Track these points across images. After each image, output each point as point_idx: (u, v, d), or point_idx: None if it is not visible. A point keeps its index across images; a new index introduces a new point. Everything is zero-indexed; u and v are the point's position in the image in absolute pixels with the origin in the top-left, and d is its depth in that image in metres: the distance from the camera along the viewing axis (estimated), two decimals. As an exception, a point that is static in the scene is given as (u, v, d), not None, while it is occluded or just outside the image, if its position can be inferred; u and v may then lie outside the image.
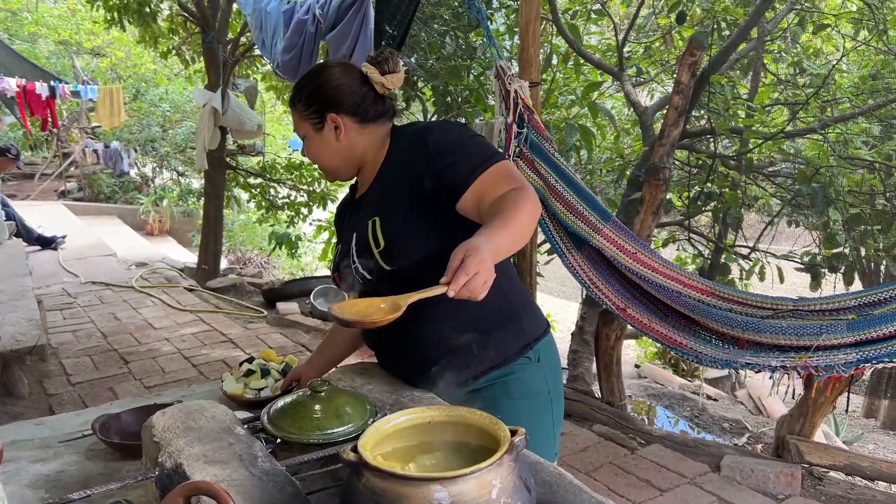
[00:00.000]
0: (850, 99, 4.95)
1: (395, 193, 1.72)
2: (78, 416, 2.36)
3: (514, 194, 1.56)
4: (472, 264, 1.32)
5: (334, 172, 1.82)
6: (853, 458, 3.27)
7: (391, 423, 1.35)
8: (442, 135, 1.70)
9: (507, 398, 1.75)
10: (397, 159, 1.76)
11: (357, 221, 1.77)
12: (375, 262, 1.68)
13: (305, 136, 1.76)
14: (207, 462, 1.46)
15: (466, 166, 1.63)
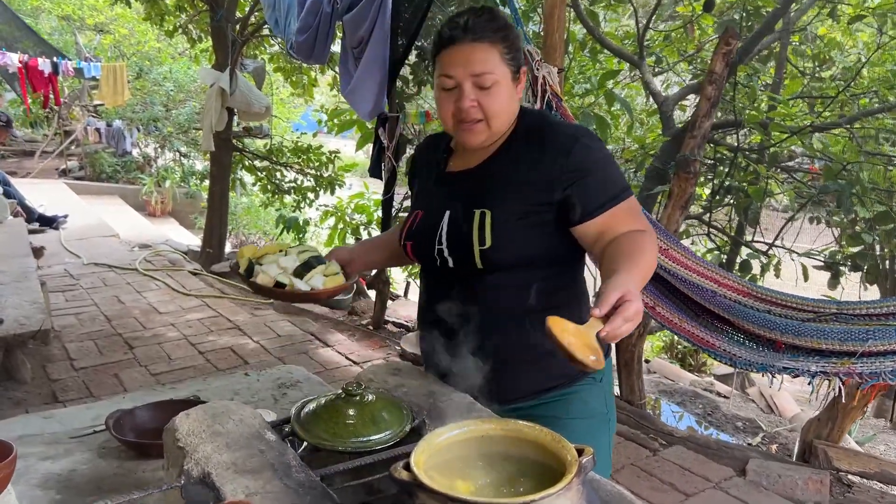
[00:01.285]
0: (880, 92, 4.82)
1: (515, 189, 1.55)
2: (89, 410, 2.26)
3: (643, 238, 1.49)
4: (632, 311, 1.22)
5: (494, 133, 1.56)
6: (885, 466, 3.18)
7: (443, 437, 1.24)
8: (586, 149, 1.54)
9: (568, 417, 1.65)
10: (523, 149, 1.58)
11: (453, 199, 1.60)
12: (469, 256, 1.55)
13: (496, 82, 1.48)
14: (238, 472, 1.35)
15: (601, 193, 1.53)
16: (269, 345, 4.62)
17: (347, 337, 4.83)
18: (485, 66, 1.47)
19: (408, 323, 5.15)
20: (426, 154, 1.79)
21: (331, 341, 4.72)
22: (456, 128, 1.54)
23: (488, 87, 1.48)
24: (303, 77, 8.09)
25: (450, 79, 1.49)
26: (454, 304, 1.60)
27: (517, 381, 1.63)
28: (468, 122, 1.51)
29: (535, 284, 1.58)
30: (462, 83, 1.48)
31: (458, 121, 1.52)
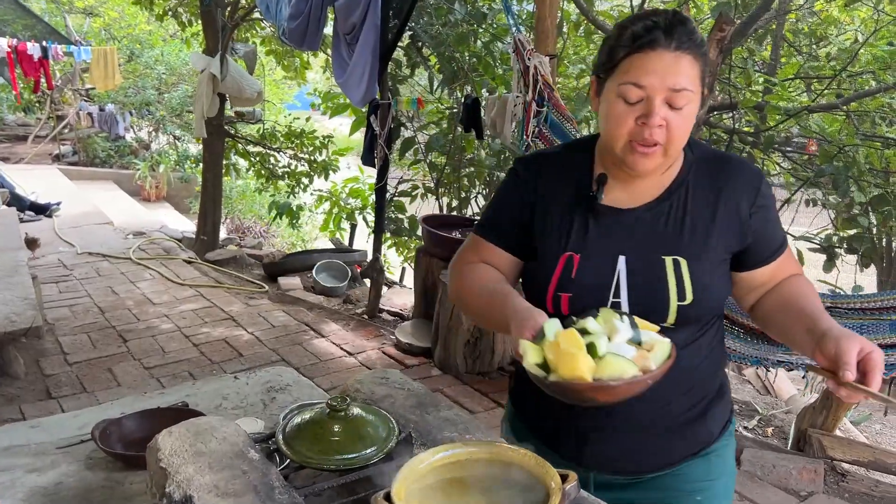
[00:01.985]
0: (876, 73, 4.76)
1: (707, 231, 1.34)
2: (76, 418, 2.24)
3: (807, 283, 1.41)
4: (880, 362, 1.12)
5: (667, 161, 1.31)
6: (878, 455, 3.18)
7: (426, 462, 1.22)
8: (769, 186, 1.40)
9: (709, 479, 1.46)
10: (705, 184, 1.36)
11: (627, 242, 1.34)
12: (659, 313, 1.30)
13: (690, 103, 1.24)
14: (220, 495, 1.33)
15: (776, 236, 1.40)
16: (264, 336, 4.60)
17: (342, 327, 4.81)
18: (686, 81, 1.22)
19: (403, 312, 5.14)
20: (555, 171, 1.44)
21: (325, 331, 4.70)
22: (626, 148, 1.27)
23: (681, 107, 1.23)
24: (295, 60, 8.00)
25: (639, 89, 1.22)
26: None
27: (666, 449, 1.42)
28: (647, 146, 1.25)
29: (697, 340, 1.40)
30: (653, 97, 1.22)
31: (634, 141, 1.25)
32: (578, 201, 1.39)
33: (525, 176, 1.45)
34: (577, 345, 1.08)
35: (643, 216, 1.35)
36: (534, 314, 1.20)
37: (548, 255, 1.38)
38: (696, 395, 1.41)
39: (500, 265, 1.46)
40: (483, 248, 1.49)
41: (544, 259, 1.38)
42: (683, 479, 1.43)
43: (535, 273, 1.41)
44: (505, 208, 1.48)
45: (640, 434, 1.40)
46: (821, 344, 1.17)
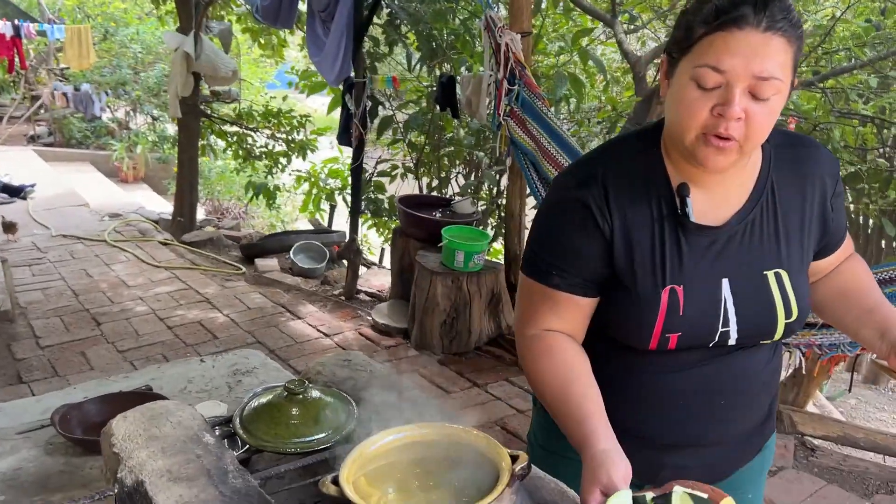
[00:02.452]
0: (851, 50, 4.76)
1: (800, 233, 1.23)
2: (38, 402, 2.22)
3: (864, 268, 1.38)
4: None
5: (743, 158, 1.13)
6: (847, 430, 3.21)
7: (376, 445, 1.21)
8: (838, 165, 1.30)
9: (761, 474, 1.47)
10: (788, 172, 1.23)
11: (724, 261, 1.20)
12: (766, 332, 1.23)
13: (778, 94, 1.06)
14: (172, 479, 1.32)
15: (843, 223, 1.33)
16: (239, 318, 4.57)
17: (319, 308, 4.79)
18: (774, 68, 1.04)
19: (380, 293, 5.12)
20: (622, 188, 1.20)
21: (301, 313, 4.68)
22: (698, 142, 1.10)
23: (766, 98, 1.06)
24: (272, 38, 7.89)
25: (718, 73, 1.05)
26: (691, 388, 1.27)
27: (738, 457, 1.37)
28: (722, 139, 1.08)
29: (778, 346, 1.35)
30: (734, 84, 1.05)
31: (707, 134, 1.09)
32: (664, 220, 1.19)
33: (593, 202, 1.19)
34: None
35: (735, 229, 1.20)
36: (607, 468, 1.06)
37: (646, 292, 1.19)
38: (768, 396, 1.37)
39: (583, 314, 1.26)
40: (555, 298, 1.24)
41: (642, 297, 1.19)
42: (742, 480, 1.40)
43: (630, 314, 1.21)
44: (573, 247, 1.22)
45: (718, 447, 1.33)
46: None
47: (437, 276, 4.04)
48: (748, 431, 1.35)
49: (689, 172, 1.18)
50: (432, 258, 4.19)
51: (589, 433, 1.12)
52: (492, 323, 4.20)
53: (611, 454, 1.09)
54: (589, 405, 1.17)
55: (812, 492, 2.91)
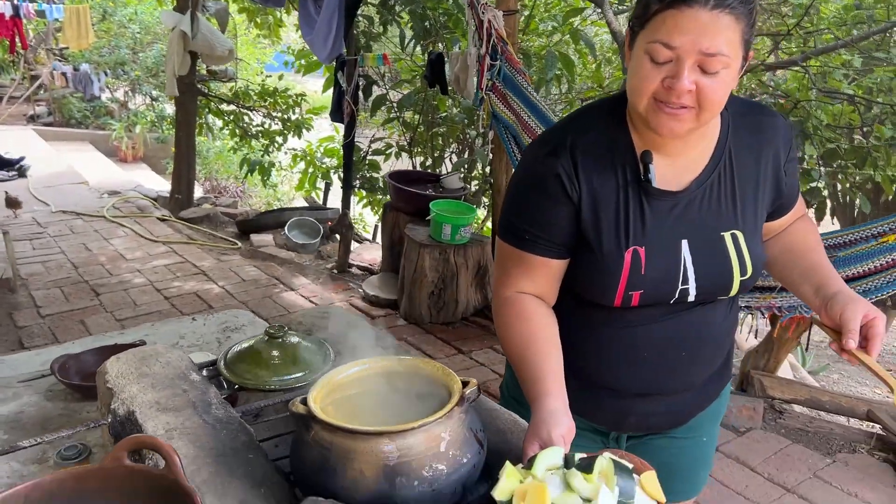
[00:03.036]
0: (832, 30, 4.85)
1: (755, 196, 1.31)
2: (38, 356, 2.35)
3: (813, 229, 1.45)
4: (883, 328, 1.18)
5: (700, 125, 1.20)
6: (814, 393, 3.35)
7: (343, 374, 1.34)
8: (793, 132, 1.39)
9: (716, 420, 1.58)
10: (745, 139, 1.30)
11: (685, 223, 1.28)
12: (722, 289, 1.32)
13: (727, 68, 1.13)
14: (160, 410, 1.45)
15: (796, 187, 1.41)
16: (234, 290, 4.71)
17: (312, 280, 4.92)
18: (721, 45, 1.10)
19: (372, 266, 5.25)
20: (589, 155, 1.28)
21: (295, 285, 4.81)
22: (651, 107, 1.17)
23: (715, 72, 1.13)
24: (268, 18, 7.96)
25: (669, 49, 1.12)
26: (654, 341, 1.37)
27: (697, 403, 1.49)
28: (674, 107, 1.15)
29: (734, 303, 1.45)
30: (684, 59, 1.11)
31: (659, 101, 1.16)
32: (628, 186, 1.28)
33: (563, 171, 1.27)
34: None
35: (695, 193, 1.28)
36: (549, 426, 1.16)
37: (610, 253, 1.28)
38: (726, 347, 1.46)
39: (554, 276, 1.35)
40: (532, 264, 1.34)
41: (606, 258, 1.28)
42: (698, 425, 1.52)
43: (595, 273, 1.30)
44: (544, 214, 1.30)
45: (680, 396, 1.44)
46: (829, 306, 1.23)
47: (425, 248, 4.16)
48: (706, 380, 1.45)
49: (651, 140, 1.26)
50: (421, 231, 4.31)
51: (542, 392, 1.23)
52: (478, 294, 4.33)
53: (557, 414, 1.19)
54: (546, 366, 1.27)
55: (777, 450, 3.05)
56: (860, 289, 2.27)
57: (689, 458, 1.56)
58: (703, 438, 1.56)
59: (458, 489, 1.16)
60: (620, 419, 1.46)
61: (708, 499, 2.71)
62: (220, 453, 1.32)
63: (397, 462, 1.11)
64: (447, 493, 1.14)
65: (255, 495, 1.21)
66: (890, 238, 2.23)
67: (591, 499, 1.06)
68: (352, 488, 1.11)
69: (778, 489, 2.79)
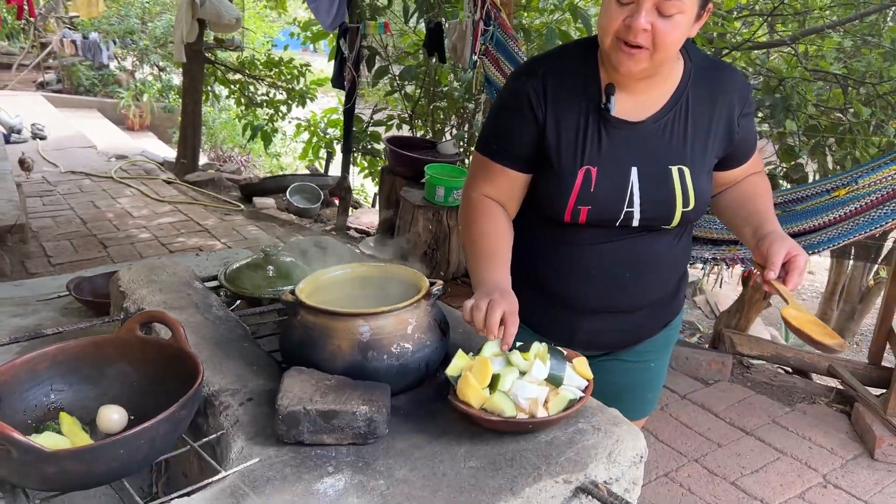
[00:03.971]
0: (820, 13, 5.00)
1: (705, 139, 1.46)
2: (54, 280, 2.55)
3: (765, 185, 1.58)
4: (803, 265, 1.31)
5: (655, 65, 1.35)
6: (779, 350, 3.54)
7: (328, 275, 1.53)
8: (752, 94, 1.53)
9: (666, 347, 1.74)
10: (702, 91, 1.45)
11: (638, 153, 1.43)
12: (665, 218, 1.46)
13: (681, 13, 1.28)
14: (167, 308, 1.64)
15: (752, 142, 1.56)
16: (236, 246, 4.89)
17: (311, 240, 5.12)
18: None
19: (369, 229, 5.44)
20: (560, 83, 1.45)
21: (294, 243, 5.00)
22: (613, 46, 1.33)
23: (669, 15, 1.28)
24: (275, -11, 8.12)
25: None
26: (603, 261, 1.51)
27: (646, 327, 1.64)
28: (632, 47, 1.30)
29: (682, 236, 1.58)
30: (642, 2, 1.27)
31: (619, 39, 1.31)
32: (589, 113, 1.43)
33: (531, 90, 1.44)
34: (482, 376, 1.23)
35: (651, 127, 1.43)
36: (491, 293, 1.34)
37: (565, 169, 1.43)
38: (673, 277, 1.61)
39: (515, 186, 1.52)
40: (495, 172, 1.51)
41: (561, 173, 1.43)
42: (647, 350, 1.67)
43: (551, 186, 1.46)
44: (513, 126, 1.48)
45: (629, 317, 1.59)
46: (760, 244, 1.38)
47: (419, 209, 4.34)
48: (654, 305, 1.60)
49: (617, 77, 1.41)
50: (416, 194, 4.50)
51: (488, 271, 1.44)
52: (469, 255, 4.51)
53: (500, 284, 1.39)
54: (494, 253, 1.46)
55: (741, 399, 3.24)
56: (816, 240, 2.45)
57: (637, 381, 1.71)
58: (651, 364, 1.70)
59: (421, 366, 1.35)
60: (571, 334, 1.59)
61: (671, 438, 2.91)
62: (219, 341, 1.52)
63: (370, 339, 1.31)
64: (412, 368, 1.34)
65: (248, 371, 1.41)
66: (841, 192, 2.41)
67: (526, 371, 1.27)
68: (330, 360, 1.31)
69: (737, 432, 2.99)
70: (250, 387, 1.36)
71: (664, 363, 1.78)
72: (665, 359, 1.77)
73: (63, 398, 1.28)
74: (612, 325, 1.59)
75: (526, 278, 1.53)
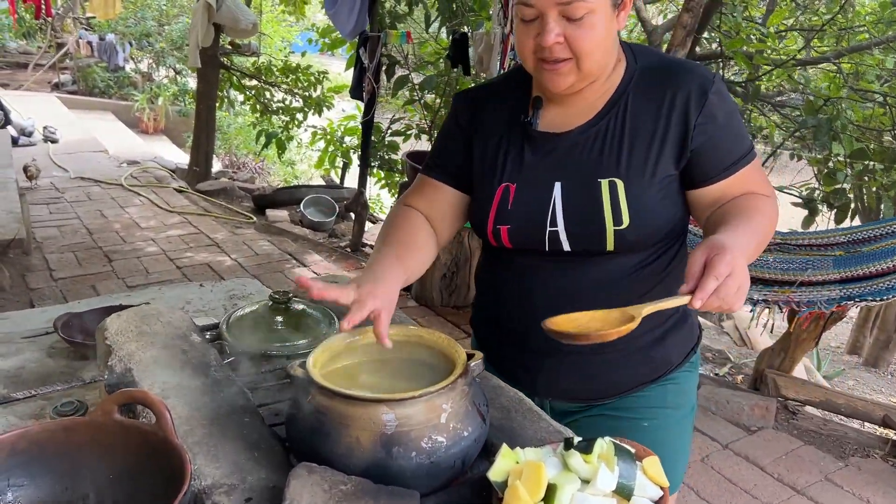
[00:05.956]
0: (868, 28, 4.74)
1: (646, 148, 1.26)
2: (43, 313, 2.33)
3: (762, 201, 1.27)
4: (721, 265, 1.01)
5: (585, 76, 1.22)
6: (829, 395, 3.28)
7: (345, 341, 1.30)
8: (721, 95, 1.26)
9: (663, 407, 1.42)
10: (644, 96, 1.27)
11: (562, 167, 1.29)
12: (596, 239, 1.27)
13: (590, 11, 1.15)
14: (158, 368, 1.42)
15: (731, 151, 1.28)
16: (246, 262, 4.69)
17: (324, 258, 4.90)
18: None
19: (386, 246, 5.22)
20: (491, 101, 1.40)
21: (307, 261, 4.79)
22: (537, 68, 1.23)
23: (579, 17, 1.16)
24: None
25: (529, 7, 1.17)
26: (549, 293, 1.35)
27: (620, 375, 1.40)
28: (552, 63, 1.20)
29: (651, 263, 1.34)
30: (545, 13, 1.16)
31: (540, 59, 1.21)
32: (513, 128, 1.35)
33: (461, 108, 1.42)
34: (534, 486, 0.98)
35: (578, 138, 1.29)
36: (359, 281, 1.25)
37: (485, 187, 1.36)
38: (652, 320, 1.27)
39: (445, 202, 1.43)
40: (427, 186, 1.44)
41: (482, 192, 1.36)
42: (636, 406, 1.41)
43: (475, 206, 1.39)
44: (446, 143, 1.44)
45: (593, 359, 1.37)
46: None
47: (439, 229, 4.12)
48: (623, 349, 1.33)
49: (548, 91, 1.30)
50: (436, 213, 4.27)
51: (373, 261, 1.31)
52: (491, 279, 4.28)
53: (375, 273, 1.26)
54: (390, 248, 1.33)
55: (788, 451, 2.98)
56: (884, 285, 2.20)
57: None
58: (644, 423, 1.41)
59: (456, 463, 1.11)
60: (532, 378, 1.42)
61: (715, 495, 2.66)
62: (216, 415, 1.29)
63: (395, 431, 1.07)
64: (445, 467, 1.10)
65: (248, 458, 1.18)
66: (918, 234, 2.16)
67: (590, 479, 1.02)
68: (347, 455, 1.07)
69: (787, 490, 2.73)
70: (249, 482, 1.12)
71: (668, 430, 1.43)
72: (669, 425, 1.43)
73: (23, 496, 1.06)
74: (573, 368, 1.39)
75: (485, 315, 1.49)
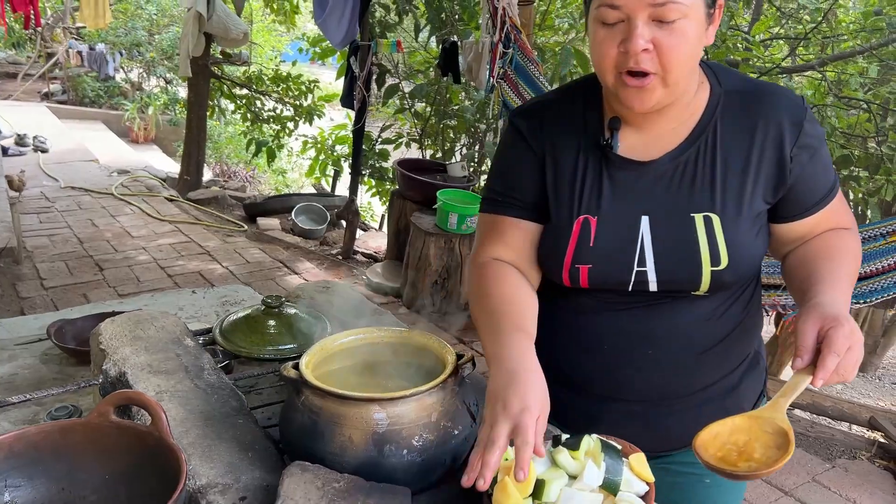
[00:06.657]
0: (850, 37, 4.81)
1: (742, 180, 1.14)
2: (36, 320, 2.34)
3: (849, 239, 1.19)
4: (840, 340, 0.93)
5: (671, 93, 1.09)
6: (817, 398, 3.31)
7: (338, 342, 1.32)
8: (814, 122, 1.15)
9: None
10: (735, 121, 1.15)
11: (649, 199, 1.16)
12: (690, 280, 1.15)
13: (685, 17, 1.02)
14: (152, 372, 1.43)
15: (823, 182, 1.18)
16: (238, 270, 4.70)
17: (316, 265, 4.91)
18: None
19: (377, 254, 5.23)
20: (556, 118, 1.23)
21: (299, 269, 4.80)
22: (618, 83, 1.08)
23: (672, 21, 1.02)
24: (284, 3, 7.96)
25: (614, 9, 1.03)
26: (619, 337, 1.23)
27: (688, 427, 1.15)
28: (638, 77, 1.05)
29: (731, 306, 1.22)
30: (633, 15, 1.02)
31: (623, 73, 1.06)
32: (588, 152, 1.19)
33: (527, 126, 1.23)
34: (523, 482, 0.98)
35: (666, 168, 1.16)
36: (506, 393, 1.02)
37: (560, 219, 1.20)
38: (727, 365, 1.25)
39: (528, 241, 1.25)
40: (506, 228, 1.26)
41: (557, 225, 1.20)
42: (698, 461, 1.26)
43: (548, 241, 1.22)
44: (516, 170, 1.25)
45: (661, 410, 1.25)
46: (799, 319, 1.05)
47: (430, 236, 4.14)
48: (693, 398, 1.25)
49: (624, 112, 1.17)
50: (427, 220, 4.29)
51: (500, 343, 1.12)
52: (482, 285, 4.30)
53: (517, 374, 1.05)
54: (506, 322, 1.14)
55: (775, 453, 3.01)
56: (868, 288, 2.23)
57: (686, 499, 1.32)
58: (706, 480, 1.30)
59: (447, 461, 1.14)
60: (590, 425, 1.23)
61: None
62: (210, 417, 1.30)
63: (387, 430, 1.09)
64: (436, 464, 1.12)
65: (242, 459, 1.20)
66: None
67: (577, 475, 1.04)
68: (339, 454, 1.09)
69: (775, 491, 2.76)
70: (244, 481, 1.14)
71: (729, 488, 1.34)
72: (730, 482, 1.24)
73: (20, 497, 1.07)
74: (638, 418, 1.26)
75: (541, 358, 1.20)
